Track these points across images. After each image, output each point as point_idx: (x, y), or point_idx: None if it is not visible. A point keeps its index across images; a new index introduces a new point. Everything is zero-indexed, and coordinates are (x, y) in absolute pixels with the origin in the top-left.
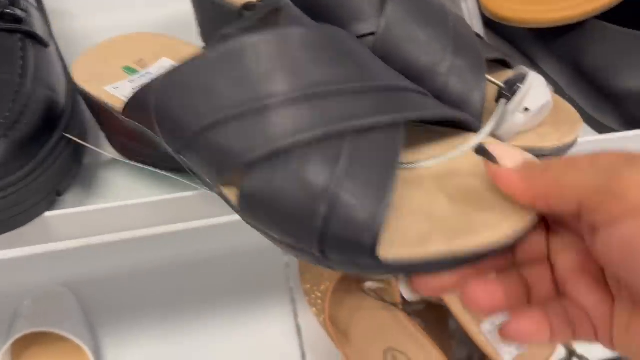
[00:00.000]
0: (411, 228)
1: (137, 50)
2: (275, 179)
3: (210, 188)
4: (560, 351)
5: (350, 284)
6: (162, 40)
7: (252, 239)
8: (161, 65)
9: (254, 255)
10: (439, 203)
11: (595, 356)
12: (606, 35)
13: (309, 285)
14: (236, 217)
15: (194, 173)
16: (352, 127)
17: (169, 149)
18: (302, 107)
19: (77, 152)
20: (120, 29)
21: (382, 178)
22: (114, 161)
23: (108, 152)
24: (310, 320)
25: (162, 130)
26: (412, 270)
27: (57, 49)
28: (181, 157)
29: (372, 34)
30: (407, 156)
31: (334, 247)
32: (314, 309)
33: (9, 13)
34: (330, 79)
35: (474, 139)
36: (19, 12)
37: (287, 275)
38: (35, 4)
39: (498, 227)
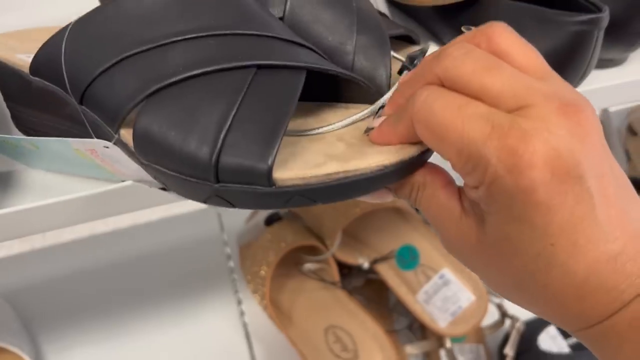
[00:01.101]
0: (309, 158)
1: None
2: (171, 111)
3: (112, 138)
4: (494, 313)
5: (289, 267)
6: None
7: (192, 233)
8: None
9: (195, 249)
10: (338, 145)
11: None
12: (502, 10)
13: (249, 273)
14: (172, 212)
15: (95, 132)
16: (253, 64)
17: (75, 103)
18: (203, 44)
19: None
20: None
21: (280, 107)
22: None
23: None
24: (253, 308)
25: (68, 80)
26: (307, 194)
27: None
28: (83, 108)
29: (280, 19)
30: (311, 124)
31: (229, 174)
32: (257, 295)
33: None
34: (232, 23)
35: (373, 106)
36: None
37: (228, 266)
38: None
39: (388, 152)
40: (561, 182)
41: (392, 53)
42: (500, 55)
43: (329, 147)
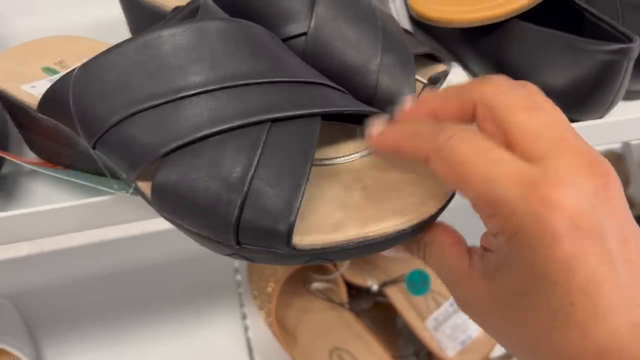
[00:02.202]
0: (325, 216)
1: (58, 51)
2: (189, 170)
3: (128, 185)
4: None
5: (297, 286)
6: (84, 42)
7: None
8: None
9: (203, 261)
10: (354, 194)
11: None
12: (525, 34)
13: (256, 288)
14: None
15: (110, 172)
16: (267, 118)
17: (87, 144)
18: (216, 99)
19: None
20: (45, 32)
21: (297, 167)
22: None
23: (28, 156)
24: (258, 324)
25: (79, 124)
26: (326, 256)
27: None
28: (97, 152)
29: (303, 34)
30: (327, 153)
31: (249, 236)
32: (262, 311)
33: None
34: (245, 72)
35: None
36: None
37: (235, 279)
38: None
39: (406, 214)
40: (584, 239)
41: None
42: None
43: (345, 194)
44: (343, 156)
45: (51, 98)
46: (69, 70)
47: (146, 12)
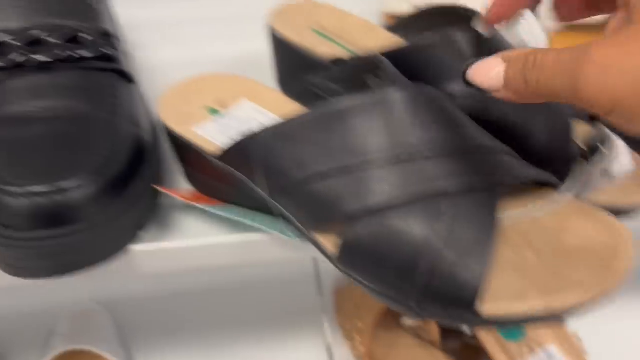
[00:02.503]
0: (507, 284)
1: (216, 90)
2: (379, 234)
3: (300, 234)
4: None
5: (388, 320)
6: (239, 81)
7: (288, 269)
8: (241, 106)
9: (289, 284)
10: (528, 258)
11: None
12: None
13: (345, 319)
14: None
15: (284, 217)
16: (452, 188)
17: (263, 193)
18: (403, 169)
19: (157, 191)
20: (189, 64)
21: (482, 237)
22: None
23: (182, 185)
24: (342, 353)
25: (263, 176)
26: (507, 324)
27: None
28: (274, 201)
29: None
30: None
31: (433, 301)
32: (349, 342)
33: (104, 53)
34: (431, 142)
35: (557, 198)
36: (112, 52)
37: (321, 305)
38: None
39: (591, 288)
40: None
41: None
42: None
43: (518, 257)
44: (511, 215)
45: (237, 151)
46: (228, 110)
47: (294, 54)
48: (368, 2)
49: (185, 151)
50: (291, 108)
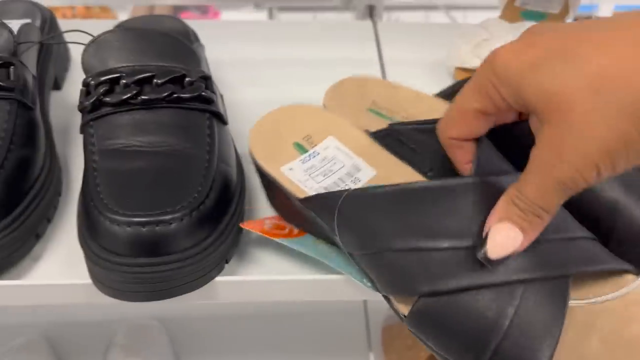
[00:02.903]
0: None
1: (304, 124)
2: (449, 309)
3: (373, 285)
4: None
5: None
6: (327, 117)
7: (338, 298)
8: (328, 144)
9: (338, 314)
10: (591, 344)
11: None
12: None
13: (395, 356)
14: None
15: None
16: (522, 279)
17: (341, 243)
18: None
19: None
20: (273, 103)
21: (552, 325)
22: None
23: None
24: None
25: (340, 234)
26: None
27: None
28: (356, 258)
29: None
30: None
31: None
32: None
33: (204, 96)
34: None
35: (633, 285)
36: (210, 94)
37: (368, 338)
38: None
39: None
40: (530, 45)
41: None
42: None
43: (581, 342)
44: (578, 298)
45: (319, 203)
46: (315, 148)
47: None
48: (433, 54)
49: (275, 190)
50: (373, 151)
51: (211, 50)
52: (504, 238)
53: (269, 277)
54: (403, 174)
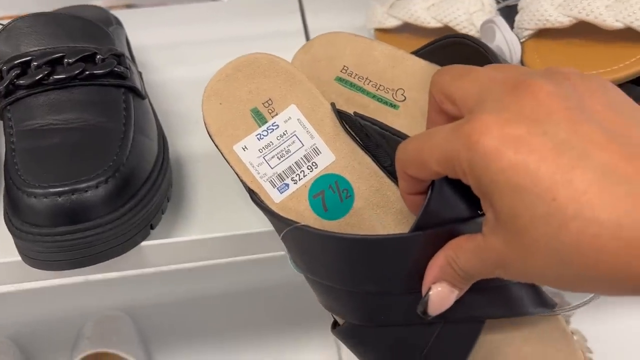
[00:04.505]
0: None
1: (266, 83)
2: (375, 337)
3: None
4: None
5: None
6: (290, 74)
7: (266, 253)
8: (289, 114)
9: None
10: None
11: None
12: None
13: None
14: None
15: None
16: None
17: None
18: (412, 300)
19: (168, 191)
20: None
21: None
22: (195, 198)
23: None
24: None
25: (286, 246)
26: None
27: (149, 98)
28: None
29: None
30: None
31: None
32: None
33: (116, 71)
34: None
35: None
36: (124, 70)
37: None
38: (131, 59)
39: None
40: (525, 142)
41: None
42: None
43: None
44: (494, 338)
45: (268, 214)
46: (275, 119)
47: None
48: (355, 19)
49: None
50: (336, 132)
51: (139, 36)
52: (441, 298)
53: (193, 237)
54: (361, 165)
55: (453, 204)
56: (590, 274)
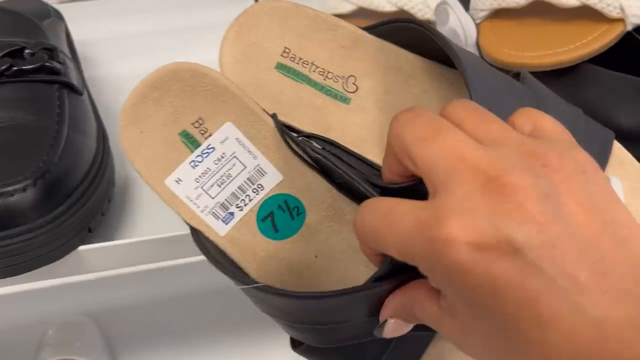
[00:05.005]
0: None
1: (192, 101)
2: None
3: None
4: None
5: None
6: (221, 86)
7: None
8: (226, 134)
9: None
10: None
11: None
12: (597, 78)
13: None
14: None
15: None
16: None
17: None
18: (365, 324)
19: (108, 191)
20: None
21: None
22: (138, 196)
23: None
24: None
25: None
26: None
27: (89, 94)
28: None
29: None
30: None
31: None
32: None
33: (48, 66)
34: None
35: None
36: (57, 65)
37: None
38: (69, 54)
39: None
40: (495, 259)
41: None
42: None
43: None
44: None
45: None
46: (209, 140)
47: None
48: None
49: None
50: (281, 147)
51: (86, 30)
52: (396, 329)
53: (135, 239)
54: (311, 181)
55: None
56: None
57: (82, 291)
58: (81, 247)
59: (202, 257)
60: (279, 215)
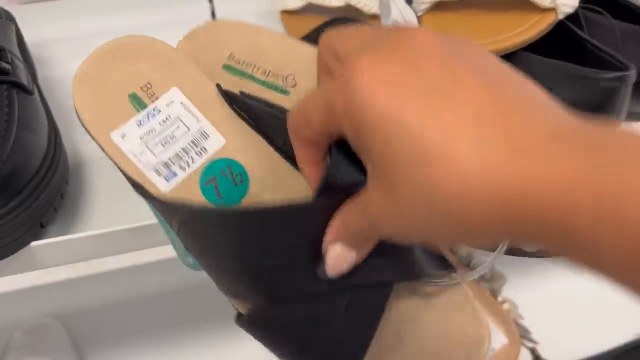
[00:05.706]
0: None
1: (143, 67)
2: (281, 317)
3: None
4: (527, 357)
5: None
6: (170, 57)
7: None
8: (172, 98)
9: None
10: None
11: None
12: (532, 65)
13: None
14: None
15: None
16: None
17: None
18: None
19: (61, 188)
20: None
21: (366, 330)
22: (93, 192)
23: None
24: None
25: (178, 233)
26: None
27: (41, 94)
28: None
29: None
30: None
31: None
32: None
33: None
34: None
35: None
36: (5, 65)
37: None
38: (19, 55)
39: None
40: (397, 82)
41: None
42: None
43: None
44: (400, 308)
45: (158, 205)
46: (156, 103)
47: None
48: (264, 4)
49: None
50: (224, 113)
51: (41, 31)
52: (338, 259)
53: (88, 232)
54: (254, 146)
55: (353, 167)
56: (457, 223)
57: (49, 293)
58: (33, 243)
59: (165, 256)
60: (222, 181)
